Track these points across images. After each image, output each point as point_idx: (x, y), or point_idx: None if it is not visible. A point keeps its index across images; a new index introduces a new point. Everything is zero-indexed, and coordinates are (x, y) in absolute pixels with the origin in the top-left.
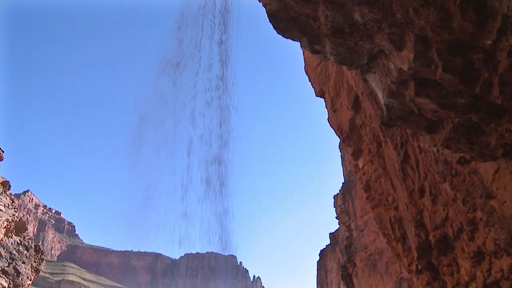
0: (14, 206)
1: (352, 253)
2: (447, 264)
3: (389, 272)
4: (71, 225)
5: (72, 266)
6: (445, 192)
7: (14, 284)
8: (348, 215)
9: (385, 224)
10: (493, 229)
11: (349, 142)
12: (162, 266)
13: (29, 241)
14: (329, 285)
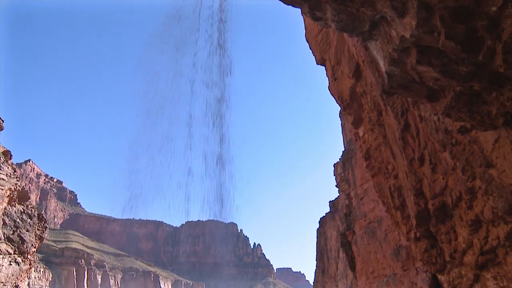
0: (16, 176)
1: (352, 221)
2: (445, 232)
3: (388, 240)
4: (73, 193)
5: (75, 234)
6: (445, 161)
7: (19, 251)
8: (348, 184)
9: (384, 193)
10: (492, 198)
11: (350, 111)
12: (164, 233)
13: (32, 210)
14: (329, 253)
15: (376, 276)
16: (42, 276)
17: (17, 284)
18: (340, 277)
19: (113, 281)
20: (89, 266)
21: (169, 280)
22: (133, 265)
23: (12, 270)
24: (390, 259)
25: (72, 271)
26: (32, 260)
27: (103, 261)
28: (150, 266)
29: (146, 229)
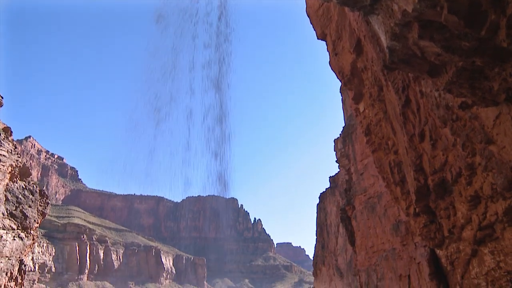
0: (17, 152)
1: (352, 196)
2: (444, 208)
3: (388, 215)
4: (74, 170)
5: (76, 210)
6: (445, 137)
7: (22, 226)
8: (348, 159)
9: (384, 168)
10: (491, 174)
11: (350, 86)
12: (165, 209)
13: (33, 186)
14: (329, 228)
15: (376, 251)
16: (45, 251)
17: (22, 258)
18: (339, 252)
19: (115, 256)
20: (91, 241)
21: (170, 255)
22: (135, 240)
23: (16, 245)
24: (389, 234)
25: (74, 246)
26: (35, 236)
27: (105, 236)
28: (152, 241)
29: (147, 205)
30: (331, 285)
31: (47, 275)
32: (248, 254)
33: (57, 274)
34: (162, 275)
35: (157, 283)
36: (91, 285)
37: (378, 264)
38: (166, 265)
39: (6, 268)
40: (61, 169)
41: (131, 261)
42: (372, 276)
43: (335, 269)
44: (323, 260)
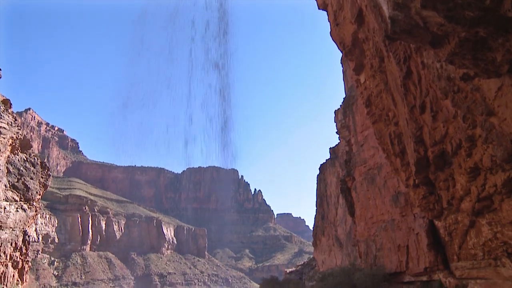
0: (17, 124)
1: (352, 168)
2: (443, 179)
3: (387, 186)
4: (75, 141)
5: (78, 182)
6: (446, 108)
7: (25, 198)
8: (348, 130)
9: (384, 139)
10: (491, 146)
11: (351, 57)
12: (165, 180)
13: (35, 158)
14: (329, 199)
15: (375, 221)
16: (48, 222)
17: (25, 229)
18: (339, 223)
19: (116, 227)
20: (93, 212)
21: (171, 225)
22: (136, 211)
23: (19, 216)
24: (388, 205)
25: (76, 217)
26: (38, 207)
27: (107, 207)
28: (153, 212)
29: (148, 176)
30: (331, 255)
31: (50, 246)
32: (248, 225)
33: (60, 244)
34: (164, 245)
35: (159, 254)
36: (94, 255)
37: (377, 235)
38: (167, 236)
39: (11, 239)
40: (62, 141)
41: (133, 232)
42: (371, 246)
43: (335, 240)
44: (323, 231)
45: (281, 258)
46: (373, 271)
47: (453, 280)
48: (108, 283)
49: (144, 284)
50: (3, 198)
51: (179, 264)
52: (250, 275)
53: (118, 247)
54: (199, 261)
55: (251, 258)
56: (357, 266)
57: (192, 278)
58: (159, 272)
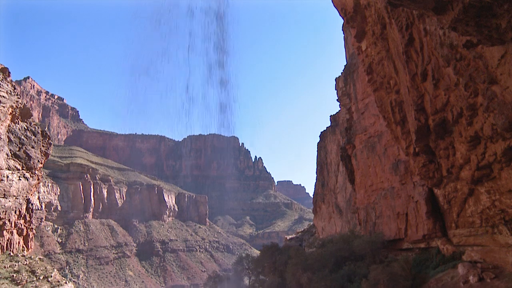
0: (16, 93)
1: (352, 135)
2: (443, 148)
3: (387, 154)
4: (75, 110)
5: (79, 150)
6: (448, 76)
7: (27, 167)
8: (349, 98)
9: (385, 107)
10: (492, 114)
11: (353, 24)
12: (166, 148)
13: (35, 127)
14: (329, 166)
15: (375, 189)
16: (50, 190)
17: (28, 197)
18: (339, 190)
19: (118, 195)
20: (95, 180)
21: (172, 193)
22: (137, 179)
23: (22, 184)
24: (388, 173)
25: (78, 186)
26: (40, 175)
27: (108, 175)
28: (154, 179)
29: (148, 144)
30: (330, 222)
31: (53, 214)
32: (249, 192)
33: (63, 212)
34: (165, 212)
35: (160, 221)
36: (96, 223)
37: (377, 202)
38: (169, 203)
39: (15, 207)
40: (62, 110)
41: (134, 200)
42: (371, 213)
43: (335, 207)
44: (323, 198)
45: (282, 225)
46: (372, 238)
47: (451, 247)
48: (111, 249)
49: (146, 250)
50: (5, 167)
51: (180, 231)
52: (251, 241)
53: (120, 215)
54: (200, 228)
55: (252, 225)
56: (356, 233)
57: (194, 244)
58: (161, 239)
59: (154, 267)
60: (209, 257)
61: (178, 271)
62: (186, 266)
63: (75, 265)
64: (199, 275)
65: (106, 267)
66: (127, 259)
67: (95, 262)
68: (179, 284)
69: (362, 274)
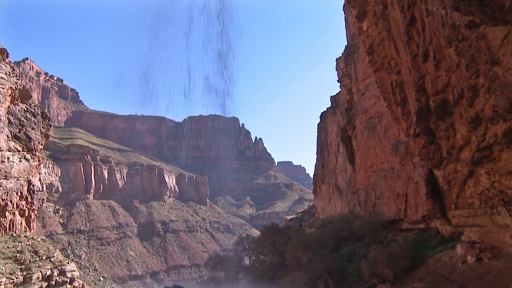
0: (15, 74)
1: (352, 116)
2: (444, 129)
3: (388, 135)
4: (75, 91)
5: (79, 131)
6: (449, 57)
7: (27, 148)
8: (350, 78)
9: (386, 88)
10: (493, 96)
11: (354, 4)
12: (166, 129)
13: (35, 108)
14: (329, 147)
15: (375, 170)
16: (51, 171)
17: (29, 179)
18: (339, 171)
19: (119, 176)
20: (95, 161)
21: (173, 173)
22: (138, 160)
23: (23, 166)
24: (388, 154)
25: (79, 167)
26: (40, 157)
27: (108, 156)
28: (154, 160)
29: (149, 125)
30: (330, 203)
31: (55, 195)
32: (249, 173)
33: (64, 193)
34: (166, 193)
35: (161, 201)
36: (97, 204)
37: (377, 183)
38: (169, 184)
39: (16, 188)
40: (62, 91)
41: (135, 181)
42: (371, 194)
43: (335, 187)
44: (323, 179)
45: (282, 206)
46: (372, 218)
47: (450, 227)
48: (112, 230)
49: (147, 231)
50: (5, 149)
51: (181, 211)
52: (251, 222)
53: (120, 196)
54: (201, 208)
55: (252, 205)
56: (356, 214)
57: (194, 225)
58: (162, 220)
59: (155, 248)
60: (210, 237)
61: (179, 251)
62: (187, 246)
63: (77, 246)
64: (200, 255)
65: (107, 248)
66: (128, 239)
67: (96, 242)
68: (180, 264)
69: (361, 254)
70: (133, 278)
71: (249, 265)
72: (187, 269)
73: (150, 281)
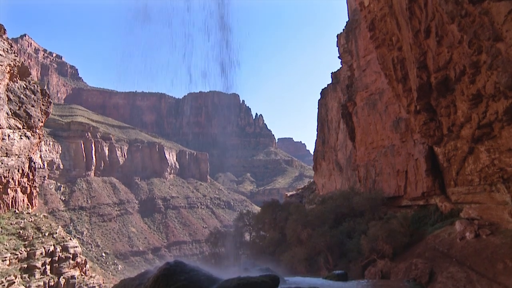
0: (13, 51)
1: (353, 93)
2: (445, 106)
3: (388, 112)
4: (74, 68)
5: (79, 108)
6: (452, 33)
7: (27, 125)
8: (351, 55)
9: (387, 64)
10: (496, 72)
11: None
12: (167, 105)
13: (34, 86)
14: (329, 123)
15: (375, 147)
16: (52, 149)
17: (30, 156)
18: (339, 147)
19: (119, 153)
20: (96, 138)
21: (173, 150)
22: (138, 137)
23: (23, 143)
24: (389, 130)
25: (79, 144)
26: (41, 134)
27: (109, 133)
28: (155, 137)
29: (149, 102)
30: (331, 179)
31: (56, 172)
32: (249, 149)
33: (65, 170)
34: (166, 170)
35: (162, 178)
36: (98, 180)
37: (377, 160)
38: (170, 161)
39: (17, 165)
40: (61, 68)
41: (136, 157)
42: (371, 171)
43: (335, 164)
44: (323, 155)
45: (282, 182)
46: (372, 195)
47: (449, 204)
48: (114, 207)
49: (148, 207)
50: (6, 126)
51: (181, 188)
52: (252, 198)
53: (121, 172)
54: (202, 185)
55: (253, 181)
56: (356, 190)
57: (195, 201)
58: (163, 196)
59: (156, 224)
60: (210, 213)
61: (180, 227)
62: (187, 222)
63: (79, 222)
64: (201, 231)
65: (109, 224)
66: (130, 216)
67: (98, 219)
68: (181, 240)
69: (361, 230)
70: (135, 254)
71: (250, 241)
72: (188, 245)
73: (151, 256)
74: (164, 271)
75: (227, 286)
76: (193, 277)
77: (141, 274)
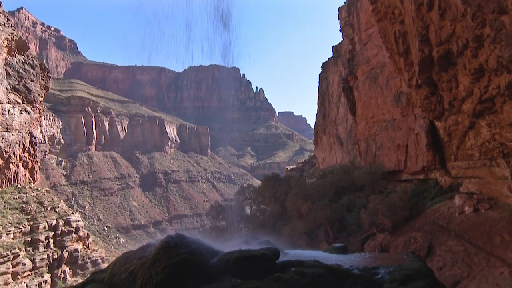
0: (10, 24)
1: (354, 66)
2: (446, 80)
3: (389, 86)
4: (73, 42)
5: (79, 83)
6: (455, 6)
7: (27, 100)
8: (352, 28)
9: (389, 38)
10: (499, 46)
11: None
12: (167, 79)
13: (33, 60)
14: (330, 97)
15: (376, 121)
16: (52, 123)
17: (31, 131)
18: (340, 121)
19: (120, 127)
20: (96, 113)
21: (174, 124)
22: (138, 111)
23: (23, 118)
24: (390, 104)
25: (80, 118)
26: (41, 109)
27: (109, 108)
28: (155, 111)
29: (149, 75)
30: (331, 153)
31: (57, 147)
32: (250, 123)
33: (66, 145)
34: (167, 144)
35: (162, 152)
36: (99, 155)
37: (378, 134)
38: (170, 135)
39: (18, 140)
40: (59, 42)
41: (136, 132)
42: (371, 145)
43: (335, 138)
44: (324, 129)
45: (282, 156)
46: (372, 169)
47: (449, 179)
48: (115, 181)
49: (149, 181)
50: (5, 101)
51: (182, 162)
52: (252, 172)
53: (122, 147)
54: (202, 159)
55: (253, 155)
56: (356, 164)
57: (196, 175)
58: (163, 170)
59: (157, 198)
60: (211, 187)
61: (181, 201)
62: (188, 196)
63: (81, 197)
64: (202, 205)
65: (110, 198)
66: (131, 190)
67: (99, 193)
68: (182, 213)
69: (361, 204)
70: (137, 228)
71: (250, 215)
72: (189, 219)
73: (153, 230)
74: (165, 244)
75: (228, 258)
76: (194, 250)
77: (142, 247)
